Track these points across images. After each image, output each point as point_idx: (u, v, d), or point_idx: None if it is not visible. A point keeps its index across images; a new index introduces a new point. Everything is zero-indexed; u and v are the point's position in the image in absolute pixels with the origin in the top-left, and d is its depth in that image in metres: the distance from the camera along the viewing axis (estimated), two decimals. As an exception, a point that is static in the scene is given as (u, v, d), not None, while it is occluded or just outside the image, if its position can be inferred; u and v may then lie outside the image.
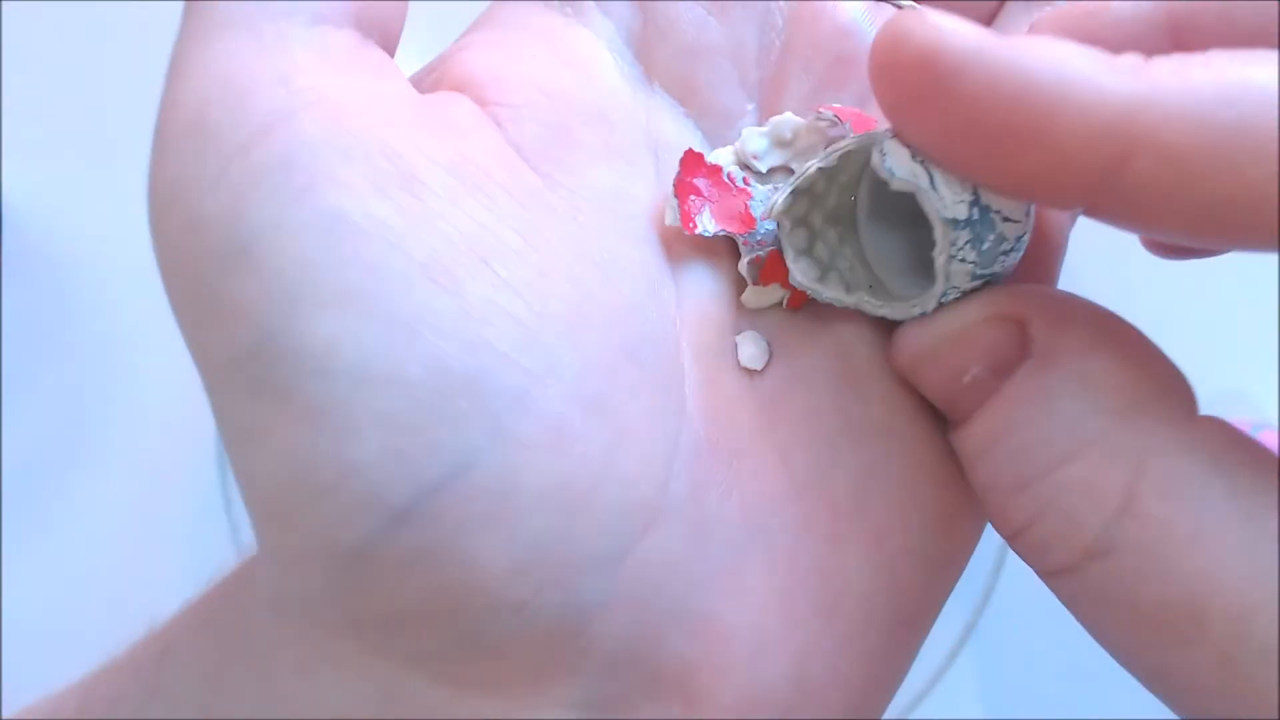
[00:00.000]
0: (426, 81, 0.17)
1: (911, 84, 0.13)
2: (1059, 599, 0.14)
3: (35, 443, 0.41)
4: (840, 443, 0.15)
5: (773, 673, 0.14)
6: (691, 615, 0.14)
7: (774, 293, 0.16)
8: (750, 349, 0.16)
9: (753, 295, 0.16)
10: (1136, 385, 0.13)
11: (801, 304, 0.16)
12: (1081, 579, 0.13)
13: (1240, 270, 0.41)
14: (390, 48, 0.16)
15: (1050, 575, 0.14)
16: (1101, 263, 0.35)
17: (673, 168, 0.16)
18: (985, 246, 0.14)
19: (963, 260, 0.14)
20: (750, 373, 0.16)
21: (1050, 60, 0.12)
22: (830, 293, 0.16)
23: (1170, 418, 0.13)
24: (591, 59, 0.16)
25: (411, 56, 0.17)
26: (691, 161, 0.16)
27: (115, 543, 0.40)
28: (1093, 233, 0.16)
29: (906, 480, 0.16)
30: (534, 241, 0.14)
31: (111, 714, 0.16)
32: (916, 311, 0.15)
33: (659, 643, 0.14)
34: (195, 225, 0.13)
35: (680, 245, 0.16)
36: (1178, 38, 0.14)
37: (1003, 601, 0.37)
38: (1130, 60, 0.12)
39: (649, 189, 0.16)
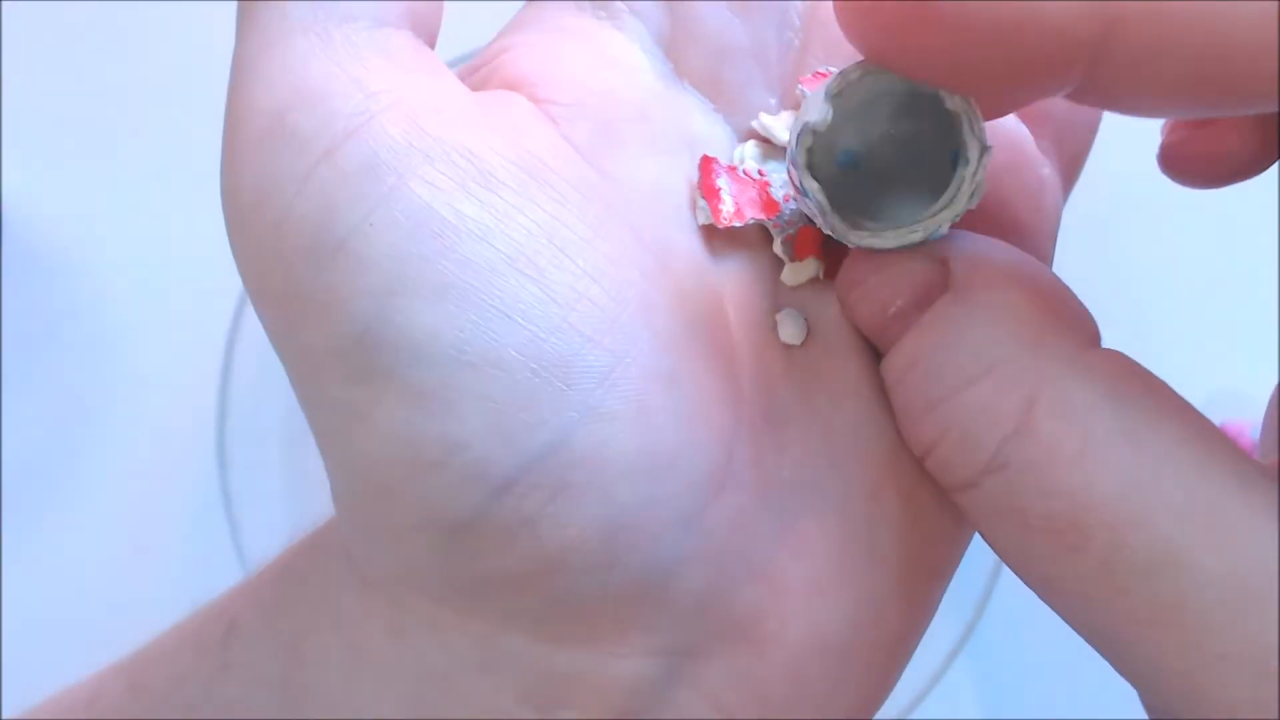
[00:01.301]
0: (472, 80, 0.17)
1: (891, 15, 0.13)
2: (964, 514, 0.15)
3: (35, 443, 0.41)
4: (875, 409, 0.16)
5: (830, 618, 0.15)
6: (757, 567, 0.15)
7: (810, 266, 0.17)
8: (790, 326, 0.17)
9: (791, 272, 0.17)
10: (1041, 317, 0.14)
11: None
12: (979, 493, 0.14)
13: (1240, 270, 0.41)
14: (433, 47, 0.16)
15: (954, 491, 0.15)
16: (1101, 261, 0.35)
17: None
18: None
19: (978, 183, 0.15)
20: (790, 348, 0.17)
21: None
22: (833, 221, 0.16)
23: (1069, 347, 0.14)
24: (628, 59, 0.17)
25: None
26: (709, 165, 0.17)
27: (115, 543, 0.40)
28: (1091, 231, 0.16)
29: None
30: (601, 231, 0.15)
31: (177, 691, 0.17)
32: (917, 238, 0.15)
33: (729, 593, 0.15)
34: (285, 224, 0.14)
35: (717, 237, 0.17)
36: None
37: (1001, 603, 0.37)
38: None
39: (687, 182, 0.17)
